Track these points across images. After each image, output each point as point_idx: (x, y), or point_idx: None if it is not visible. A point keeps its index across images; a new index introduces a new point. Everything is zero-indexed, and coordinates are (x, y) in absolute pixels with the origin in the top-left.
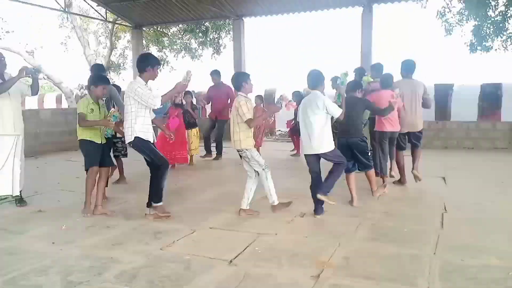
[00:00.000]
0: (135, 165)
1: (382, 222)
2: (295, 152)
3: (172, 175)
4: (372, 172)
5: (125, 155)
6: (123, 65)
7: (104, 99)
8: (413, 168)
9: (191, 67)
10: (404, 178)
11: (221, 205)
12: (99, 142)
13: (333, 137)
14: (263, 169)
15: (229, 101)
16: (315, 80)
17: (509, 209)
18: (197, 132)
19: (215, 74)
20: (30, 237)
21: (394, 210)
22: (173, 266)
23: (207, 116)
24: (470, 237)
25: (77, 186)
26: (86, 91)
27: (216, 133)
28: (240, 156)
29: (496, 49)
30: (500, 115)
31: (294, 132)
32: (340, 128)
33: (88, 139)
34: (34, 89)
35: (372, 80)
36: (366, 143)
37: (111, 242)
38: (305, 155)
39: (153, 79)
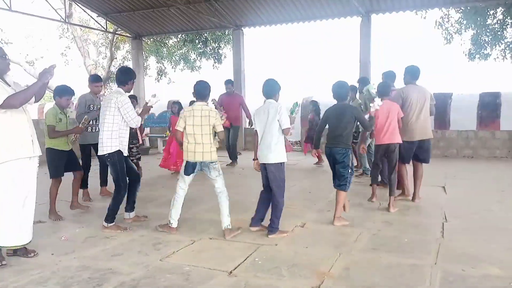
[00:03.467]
0: None
1: (382, 232)
2: (317, 162)
3: (172, 186)
4: (344, 193)
5: (139, 159)
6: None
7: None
8: (414, 196)
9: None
10: (407, 191)
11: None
12: (66, 149)
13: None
14: (224, 186)
15: (241, 109)
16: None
17: (509, 218)
18: None
19: (230, 83)
20: (29, 248)
21: (394, 220)
22: (173, 277)
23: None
24: (470, 246)
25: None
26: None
27: (231, 139)
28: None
29: (494, 58)
30: (499, 124)
31: (307, 141)
32: (327, 137)
33: (54, 147)
34: (40, 95)
35: (374, 89)
36: (349, 156)
37: (110, 253)
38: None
39: (129, 92)
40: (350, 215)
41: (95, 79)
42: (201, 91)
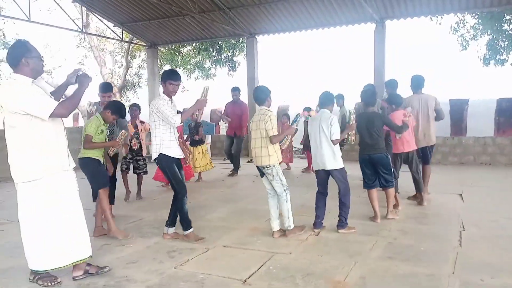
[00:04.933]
0: (149, 182)
1: (398, 241)
2: (306, 168)
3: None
4: (392, 190)
5: (146, 172)
6: (139, 83)
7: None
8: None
9: (203, 84)
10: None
11: (234, 223)
12: (101, 160)
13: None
14: (284, 190)
15: (242, 118)
16: (325, 99)
17: None
18: (202, 150)
19: (237, 90)
20: None
21: (411, 228)
22: (187, 285)
23: (226, 134)
24: (489, 255)
25: (90, 204)
26: (94, 108)
27: (235, 149)
28: (262, 174)
29: (511, 64)
30: None
31: (305, 148)
32: (362, 145)
33: (93, 157)
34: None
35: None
36: (389, 159)
37: (125, 261)
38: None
39: (169, 96)
40: (365, 223)
41: (104, 89)
42: (259, 95)
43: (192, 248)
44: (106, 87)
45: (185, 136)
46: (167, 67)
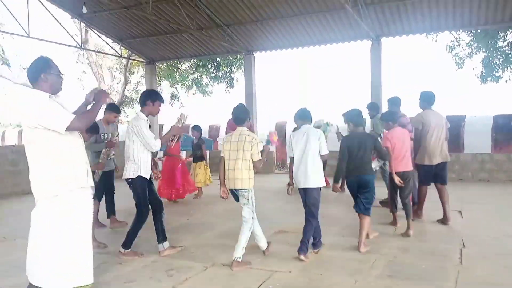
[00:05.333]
0: None
1: (398, 259)
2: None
3: (183, 210)
4: (368, 219)
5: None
6: (137, 99)
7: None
8: (447, 219)
9: (201, 102)
10: (421, 212)
11: (233, 241)
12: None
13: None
14: (252, 217)
15: None
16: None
17: None
18: (203, 166)
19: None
20: None
21: (411, 246)
22: None
23: None
24: (490, 274)
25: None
26: None
27: None
28: (237, 198)
29: (506, 80)
30: None
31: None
32: (351, 166)
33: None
34: None
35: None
36: (374, 184)
37: (123, 280)
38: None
39: (153, 115)
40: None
41: (114, 109)
42: (239, 115)
43: (190, 267)
44: (116, 107)
45: (184, 152)
46: (165, 83)
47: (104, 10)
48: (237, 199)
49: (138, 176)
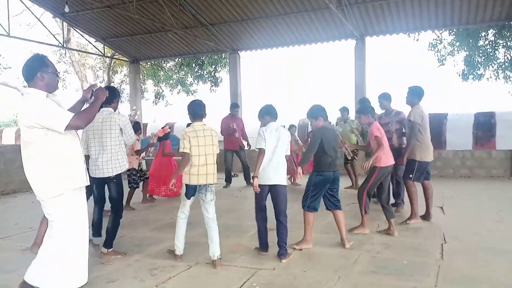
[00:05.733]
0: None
1: (381, 254)
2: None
3: (168, 208)
4: (342, 213)
5: (138, 186)
6: (120, 98)
7: None
8: (429, 215)
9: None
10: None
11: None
12: None
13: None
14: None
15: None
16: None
17: (509, 238)
18: None
19: (237, 107)
20: (21, 275)
21: (393, 241)
22: None
23: (227, 148)
24: (471, 268)
25: None
26: None
27: (244, 161)
28: (192, 194)
29: (487, 78)
30: (495, 143)
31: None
32: (327, 161)
33: None
34: None
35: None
36: None
37: (105, 279)
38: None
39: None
40: (349, 237)
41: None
42: (198, 111)
43: (174, 266)
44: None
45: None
46: (149, 82)
47: (87, 9)
48: (190, 196)
49: (121, 173)
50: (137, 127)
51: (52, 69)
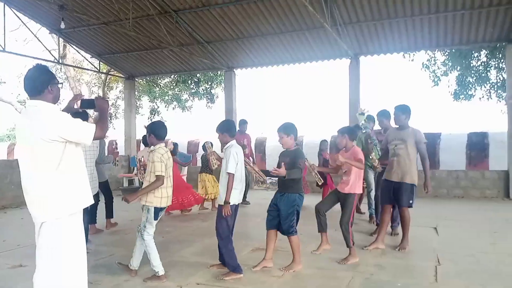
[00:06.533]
0: (122, 216)
1: (375, 276)
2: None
3: (159, 227)
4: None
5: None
6: (115, 114)
7: None
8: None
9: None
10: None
11: (209, 259)
12: None
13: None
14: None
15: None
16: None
17: (503, 261)
18: (213, 178)
19: (246, 123)
20: None
21: (387, 263)
22: None
23: None
24: None
25: None
26: None
27: (249, 178)
28: (156, 216)
29: (480, 98)
30: (488, 163)
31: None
32: (291, 183)
33: None
34: None
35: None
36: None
37: None
38: None
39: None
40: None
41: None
42: (163, 132)
43: (165, 286)
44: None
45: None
46: (145, 98)
47: (83, 25)
48: (157, 218)
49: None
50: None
51: (57, 80)
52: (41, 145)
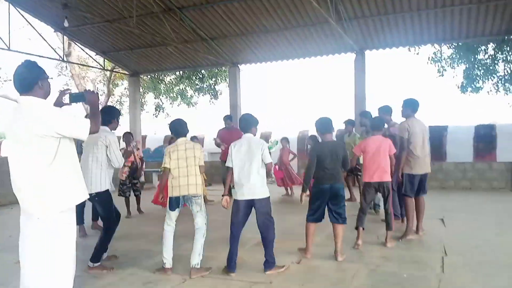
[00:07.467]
0: (123, 211)
1: (381, 268)
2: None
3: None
4: (344, 227)
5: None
6: (120, 111)
7: None
8: (418, 228)
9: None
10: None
11: (213, 252)
12: None
13: (315, 183)
14: (205, 223)
15: None
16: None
17: (510, 252)
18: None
19: (229, 118)
20: None
21: (393, 254)
22: None
23: (220, 159)
24: (471, 282)
25: None
26: None
27: None
28: (176, 206)
29: (488, 91)
30: (496, 155)
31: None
32: (321, 174)
33: None
34: None
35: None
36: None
37: None
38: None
39: (115, 130)
40: (348, 250)
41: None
42: (178, 129)
43: (169, 279)
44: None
45: None
46: (150, 95)
47: (87, 23)
48: (174, 208)
49: (107, 190)
50: None
51: (47, 75)
52: (36, 142)
